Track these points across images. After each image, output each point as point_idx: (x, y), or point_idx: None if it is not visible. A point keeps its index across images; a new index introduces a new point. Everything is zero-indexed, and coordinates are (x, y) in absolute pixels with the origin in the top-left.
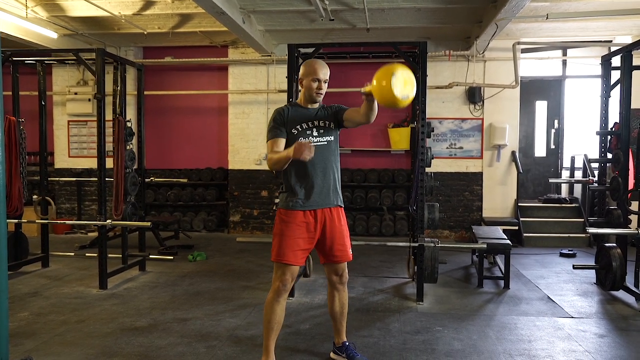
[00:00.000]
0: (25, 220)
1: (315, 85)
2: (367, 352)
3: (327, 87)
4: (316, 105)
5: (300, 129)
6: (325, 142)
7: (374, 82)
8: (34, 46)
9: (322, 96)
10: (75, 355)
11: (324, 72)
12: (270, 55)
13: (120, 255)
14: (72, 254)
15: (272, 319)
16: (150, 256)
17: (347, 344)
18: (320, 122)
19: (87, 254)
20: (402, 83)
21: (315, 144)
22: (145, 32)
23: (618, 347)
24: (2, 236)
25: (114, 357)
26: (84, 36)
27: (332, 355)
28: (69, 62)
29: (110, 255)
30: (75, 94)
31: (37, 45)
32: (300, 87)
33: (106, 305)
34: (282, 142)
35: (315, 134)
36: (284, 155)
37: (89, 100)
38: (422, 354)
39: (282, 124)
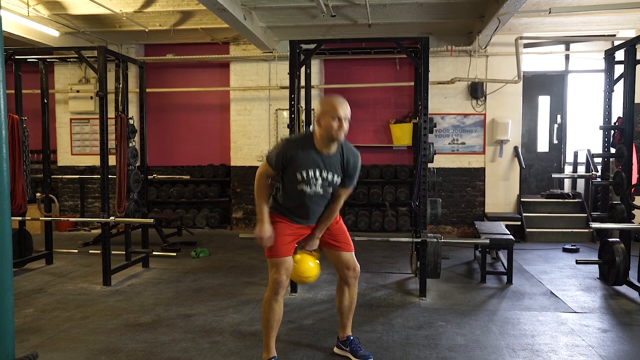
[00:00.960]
0: (29, 218)
1: (335, 124)
2: (371, 347)
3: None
4: (334, 149)
5: (305, 177)
6: (326, 193)
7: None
8: (35, 44)
9: (343, 135)
10: (80, 350)
11: (344, 109)
12: (271, 52)
13: (124, 252)
14: (76, 251)
15: (271, 317)
16: (154, 253)
17: (351, 338)
18: (330, 174)
19: (90, 251)
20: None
21: (316, 192)
22: (146, 30)
23: (621, 341)
24: (7, 233)
25: (119, 353)
26: (85, 34)
27: (335, 349)
28: (71, 60)
29: (113, 252)
30: (78, 91)
31: (38, 44)
32: (317, 127)
33: (110, 301)
34: (273, 173)
35: (319, 183)
36: (260, 213)
37: (91, 98)
38: (425, 349)
39: (282, 162)
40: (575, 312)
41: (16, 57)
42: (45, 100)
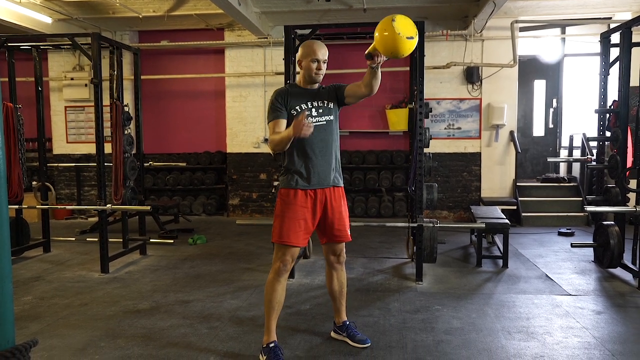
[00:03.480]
0: (26, 206)
1: (314, 65)
2: (368, 332)
3: (325, 69)
4: (316, 86)
5: (299, 110)
6: (325, 122)
7: (377, 34)
8: (28, 31)
9: (321, 76)
10: (79, 337)
11: (323, 52)
12: (266, 38)
13: (121, 240)
14: (73, 239)
15: (273, 298)
16: (151, 240)
17: (348, 323)
18: (319, 102)
19: (87, 239)
20: (404, 26)
21: (314, 123)
22: (140, 16)
23: (615, 323)
24: (4, 221)
25: (118, 339)
26: (78, 21)
27: (332, 334)
28: (65, 47)
29: (110, 239)
30: (72, 79)
31: (31, 31)
32: (299, 69)
33: (108, 288)
34: (284, 123)
35: (314, 113)
36: (284, 135)
37: (86, 85)
38: (422, 332)
39: (282, 104)
40: (570, 295)
41: (9, 44)
42: (40, 88)
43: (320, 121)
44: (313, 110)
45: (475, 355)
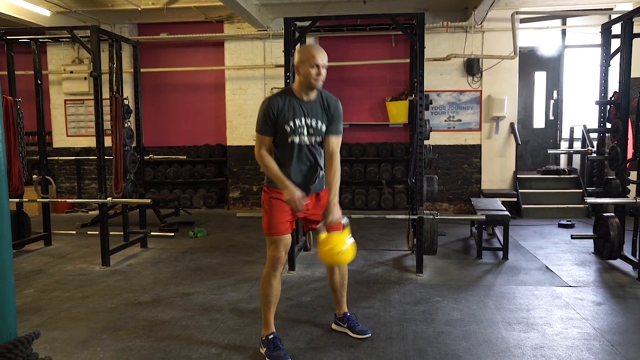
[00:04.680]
0: (27, 200)
1: (314, 71)
2: (368, 323)
3: (325, 74)
4: (313, 95)
5: (292, 127)
6: (314, 142)
7: (327, 246)
8: (26, 24)
9: (321, 82)
10: (81, 329)
11: (322, 57)
12: (266, 30)
13: (122, 233)
14: (74, 232)
15: (270, 293)
16: (152, 233)
17: (348, 314)
18: (313, 120)
19: (88, 232)
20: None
21: (305, 143)
22: (139, 8)
23: (615, 314)
24: (5, 214)
25: (119, 331)
26: (77, 14)
27: (333, 326)
28: (64, 40)
29: (111, 232)
30: (71, 72)
31: (30, 24)
32: (296, 74)
33: (109, 281)
34: (269, 140)
35: (305, 132)
36: (277, 180)
37: (85, 78)
38: (422, 323)
39: (271, 119)
40: (570, 286)
41: (8, 37)
42: (39, 82)
43: (310, 141)
44: (305, 128)
45: (476, 346)
